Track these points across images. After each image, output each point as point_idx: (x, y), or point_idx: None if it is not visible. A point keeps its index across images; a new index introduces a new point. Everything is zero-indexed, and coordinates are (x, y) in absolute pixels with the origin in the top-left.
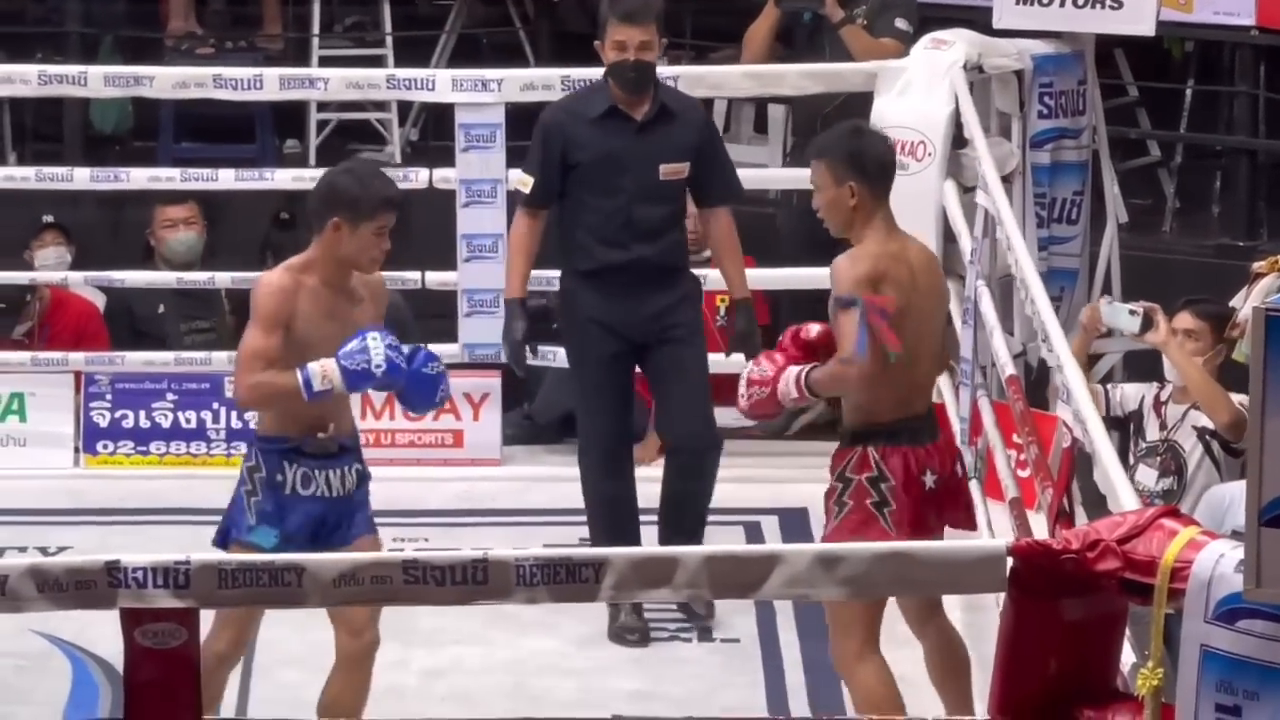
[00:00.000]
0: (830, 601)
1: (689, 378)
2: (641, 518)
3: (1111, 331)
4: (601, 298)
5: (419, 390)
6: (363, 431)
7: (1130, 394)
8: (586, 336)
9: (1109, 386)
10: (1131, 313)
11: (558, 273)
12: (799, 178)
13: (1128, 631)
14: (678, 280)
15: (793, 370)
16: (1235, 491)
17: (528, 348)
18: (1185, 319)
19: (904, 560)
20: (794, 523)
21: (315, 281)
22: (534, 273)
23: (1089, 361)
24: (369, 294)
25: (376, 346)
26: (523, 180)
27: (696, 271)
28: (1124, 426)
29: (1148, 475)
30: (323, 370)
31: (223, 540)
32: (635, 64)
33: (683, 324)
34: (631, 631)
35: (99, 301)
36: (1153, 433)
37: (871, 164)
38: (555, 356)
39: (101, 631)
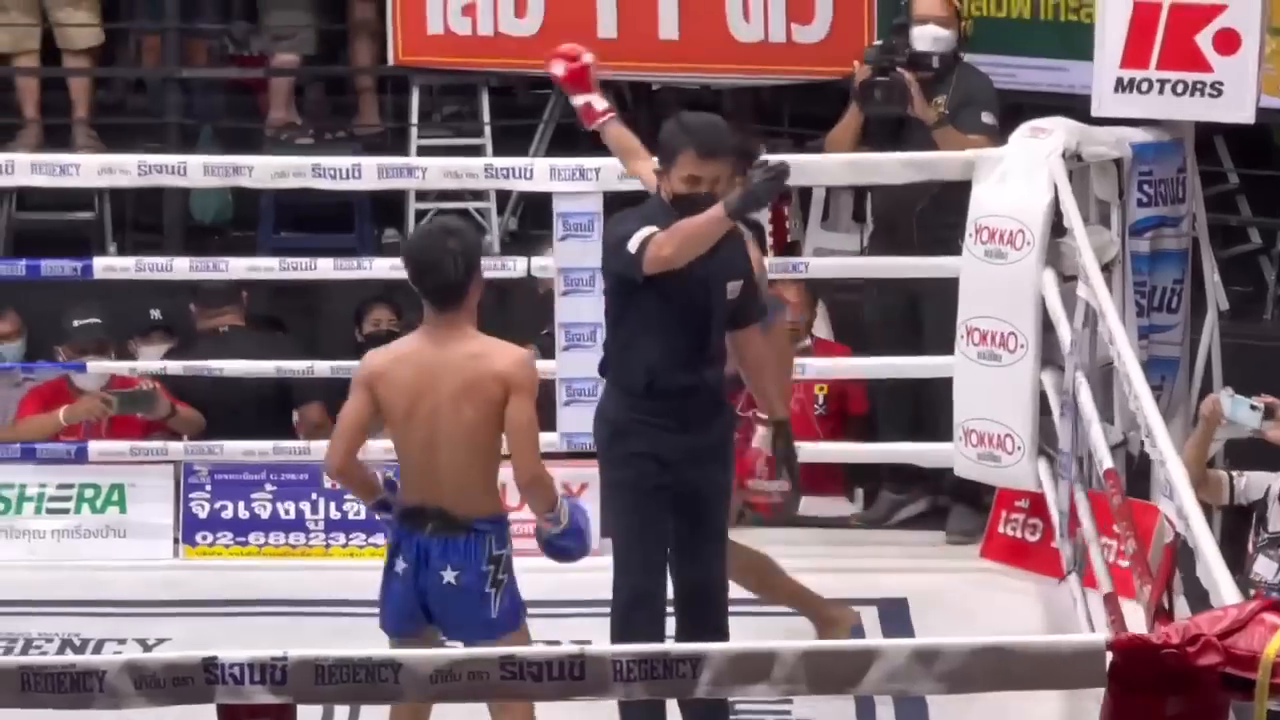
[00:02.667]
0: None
1: (718, 525)
2: None
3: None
4: (658, 428)
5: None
6: None
7: (1255, 483)
8: (637, 471)
9: (1234, 474)
10: (1253, 407)
11: None
12: (885, 266)
13: None
14: (724, 415)
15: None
16: None
17: None
18: None
19: (1002, 655)
20: (893, 614)
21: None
22: None
23: (1205, 451)
24: None
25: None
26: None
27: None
28: (1247, 515)
29: (1267, 567)
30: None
31: None
32: (707, 196)
33: (724, 469)
34: None
35: None
36: (1275, 523)
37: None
38: None
39: None
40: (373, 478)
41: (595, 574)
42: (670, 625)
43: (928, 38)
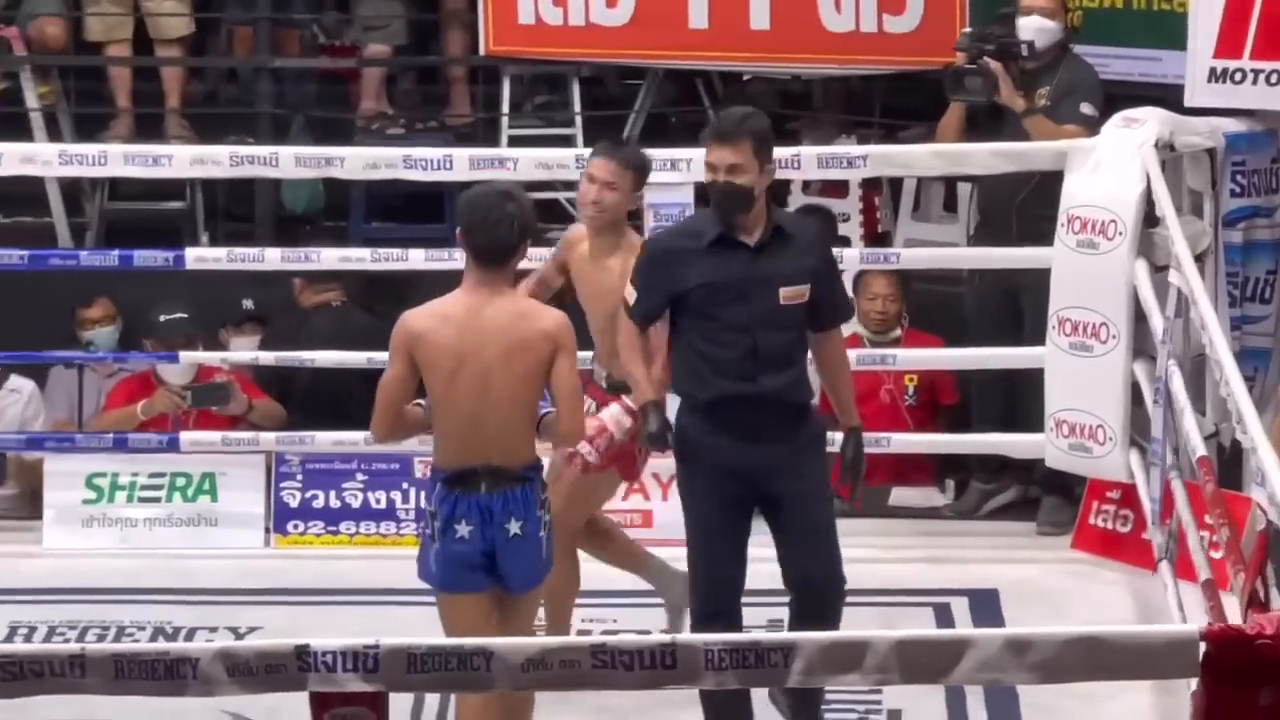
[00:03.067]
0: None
1: (818, 523)
2: None
3: None
4: (726, 439)
5: None
6: None
7: None
8: (707, 479)
9: None
10: None
11: None
12: (985, 257)
13: None
14: (803, 421)
15: (613, 408)
16: None
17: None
18: None
19: (1095, 645)
20: (984, 604)
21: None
22: None
23: None
24: None
25: None
26: (629, 292)
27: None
28: None
29: None
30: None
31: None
32: (724, 186)
33: (808, 475)
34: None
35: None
36: None
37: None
38: None
39: (292, 712)
40: (416, 415)
41: (685, 564)
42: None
43: (1032, 29)
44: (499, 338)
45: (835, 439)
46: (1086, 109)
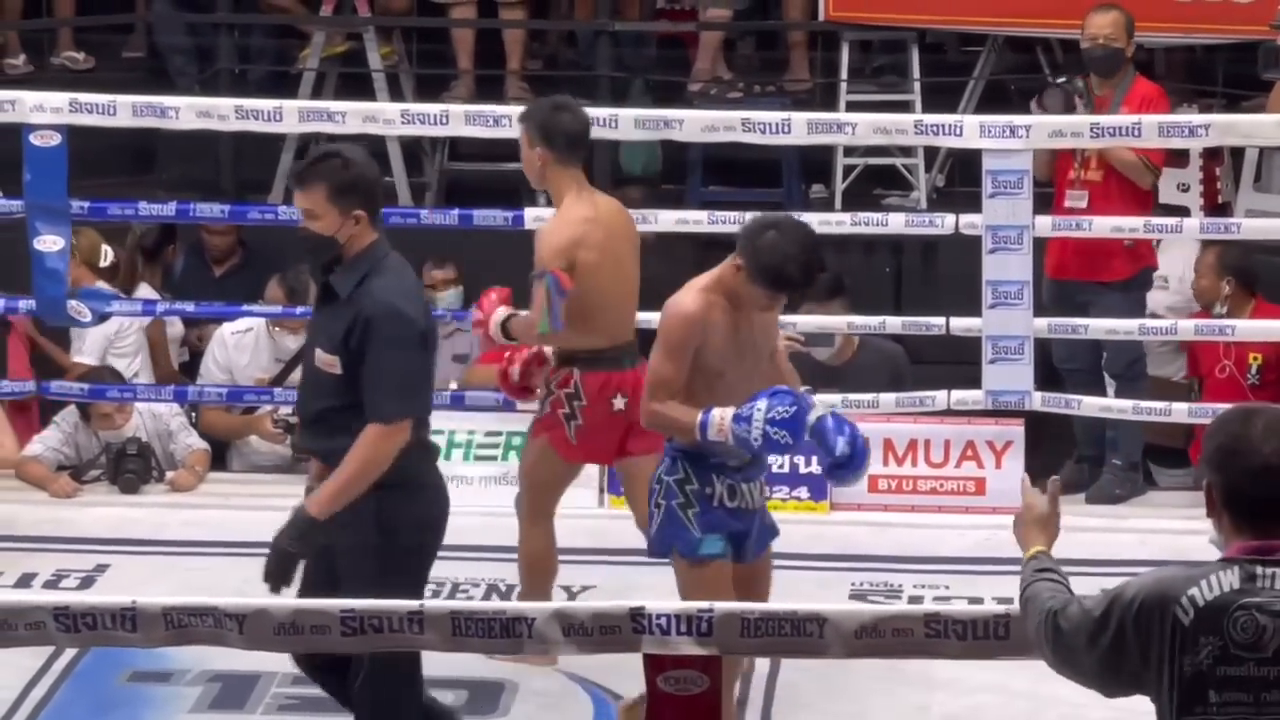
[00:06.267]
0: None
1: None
2: None
3: None
4: None
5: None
6: (884, 478)
7: None
8: None
9: None
10: None
11: None
12: None
13: None
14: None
15: (500, 312)
16: None
17: None
18: None
19: None
20: None
21: (723, 305)
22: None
23: None
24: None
25: (758, 419)
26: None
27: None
28: None
29: None
30: (720, 422)
31: (663, 551)
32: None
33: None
34: None
35: None
36: None
37: (559, 137)
38: None
39: (623, 672)
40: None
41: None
42: None
43: None
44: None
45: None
46: None
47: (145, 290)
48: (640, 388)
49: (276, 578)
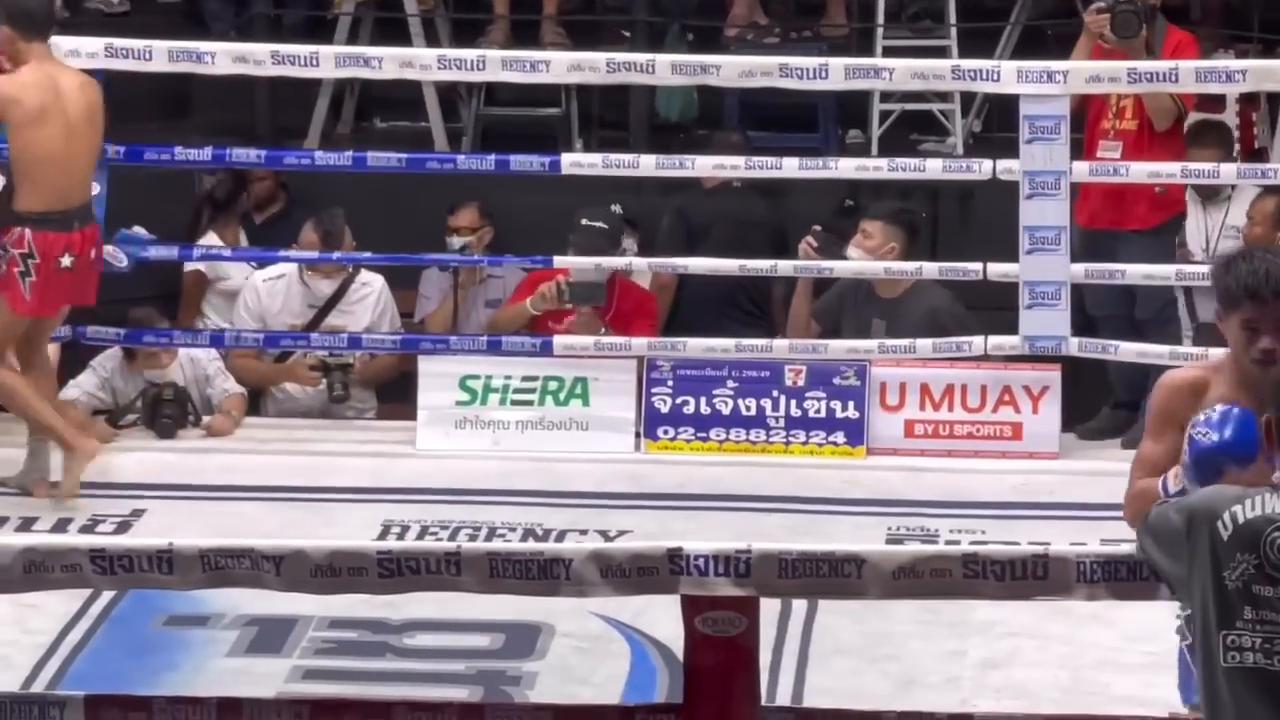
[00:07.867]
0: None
1: None
2: None
3: None
4: None
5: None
6: (920, 422)
7: None
8: None
9: None
10: None
11: None
12: None
13: None
14: None
15: None
16: None
17: None
18: None
19: None
20: None
21: (1226, 381)
22: None
23: None
24: None
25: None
26: None
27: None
28: None
29: None
30: (1174, 471)
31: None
32: None
33: None
34: None
35: None
36: None
37: (20, 15)
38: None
39: (659, 615)
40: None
41: (1054, 477)
42: None
43: None
44: None
45: None
46: None
47: (212, 239)
48: (87, 246)
49: None
